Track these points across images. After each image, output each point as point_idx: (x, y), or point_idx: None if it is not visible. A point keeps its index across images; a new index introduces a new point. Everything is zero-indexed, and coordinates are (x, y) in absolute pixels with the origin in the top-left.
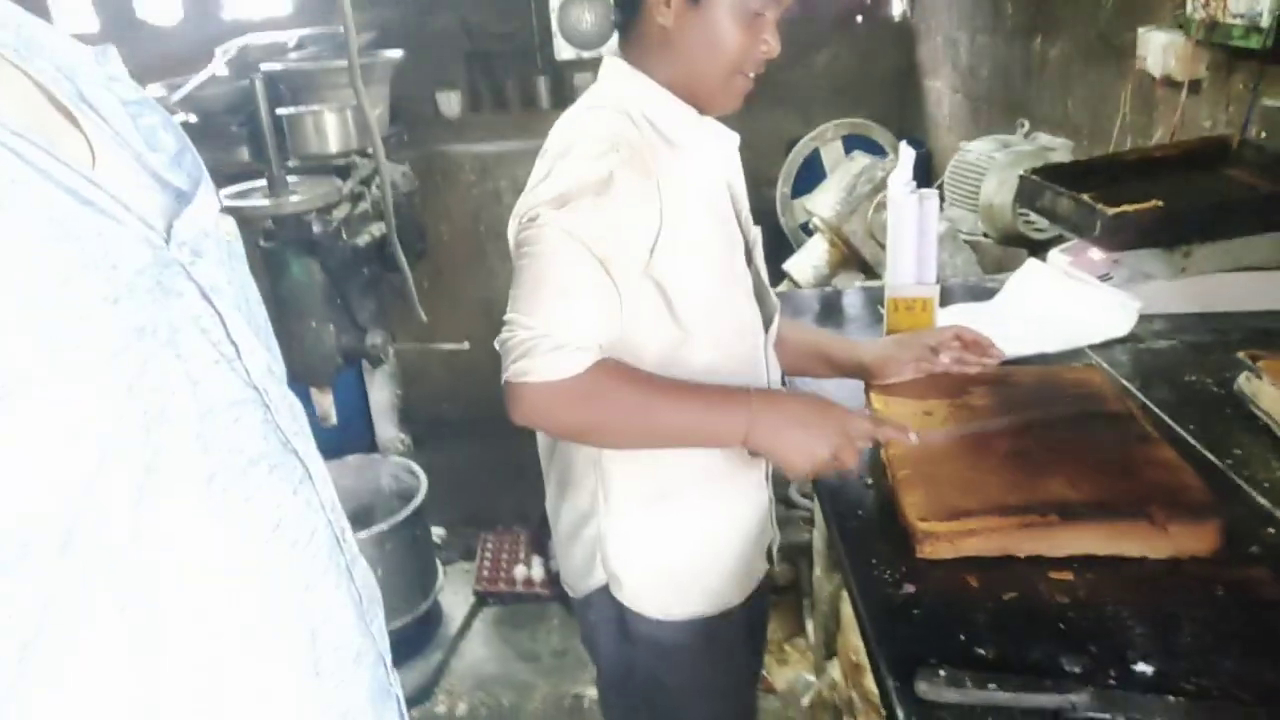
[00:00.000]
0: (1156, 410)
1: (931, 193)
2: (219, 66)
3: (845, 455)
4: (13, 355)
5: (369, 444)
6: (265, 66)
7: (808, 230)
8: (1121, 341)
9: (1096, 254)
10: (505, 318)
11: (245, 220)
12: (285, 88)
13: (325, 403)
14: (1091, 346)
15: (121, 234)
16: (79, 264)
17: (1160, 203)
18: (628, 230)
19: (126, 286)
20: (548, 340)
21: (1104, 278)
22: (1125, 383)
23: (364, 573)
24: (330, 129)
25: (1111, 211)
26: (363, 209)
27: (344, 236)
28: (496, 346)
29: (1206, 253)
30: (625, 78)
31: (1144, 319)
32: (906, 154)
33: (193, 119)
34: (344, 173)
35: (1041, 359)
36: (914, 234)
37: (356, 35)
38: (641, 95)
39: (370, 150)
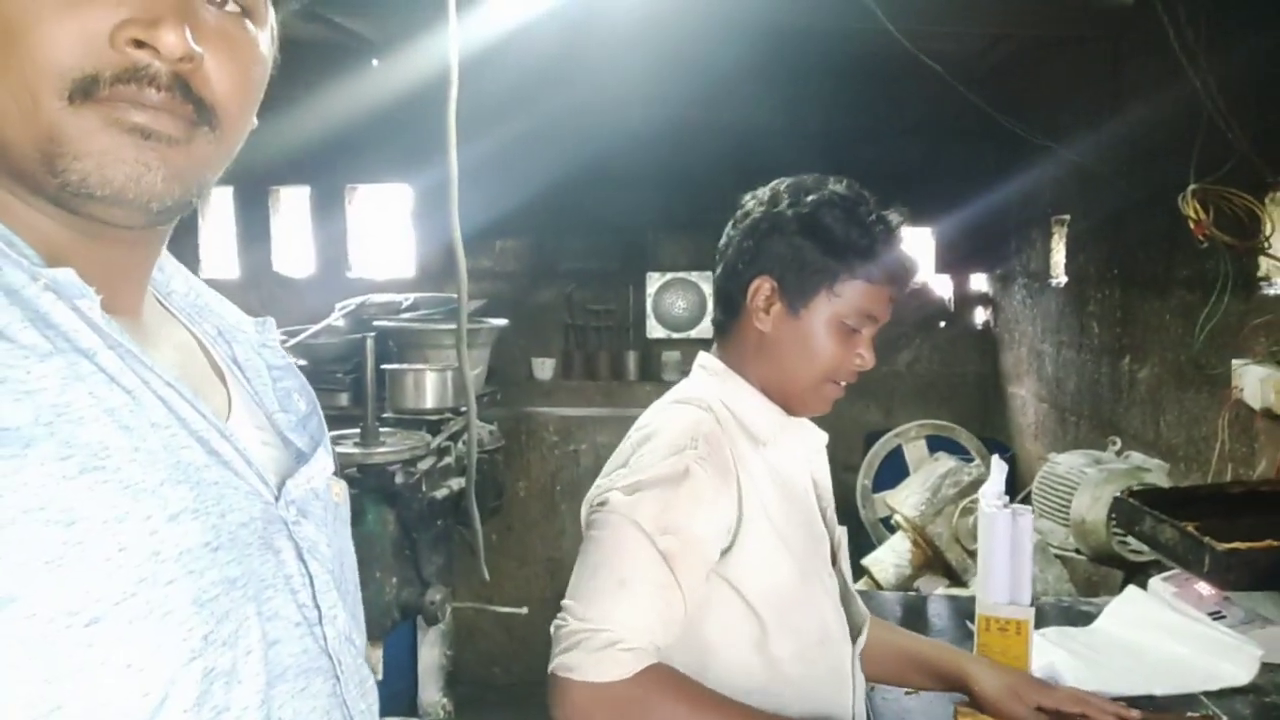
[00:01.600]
0: None
1: (1025, 509)
2: (337, 319)
3: None
4: (105, 586)
5: (409, 705)
6: (378, 323)
7: (888, 525)
8: (1242, 692)
9: (1205, 589)
10: (562, 603)
11: None
12: (394, 343)
13: (374, 657)
14: (1206, 694)
15: (236, 486)
16: (190, 507)
17: (1276, 542)
18: (697, 527)
19: (229, 536)
20: (600, 636)
21: (1215, 615)
22: None
23: None
24: (429, 387)
25: (1222, 547)
26: (446, 463)
27: (424, 489)
28: (551, 631)
29: None
30: (718, 374)
31: (1266, 668)
32: (999, 467)
33: (302, 363)
34: (435, 428)
35: (1149, 701)
36: (1007, 551)
37: (469, 301)
38: (731, 393)
39: (464, 408)
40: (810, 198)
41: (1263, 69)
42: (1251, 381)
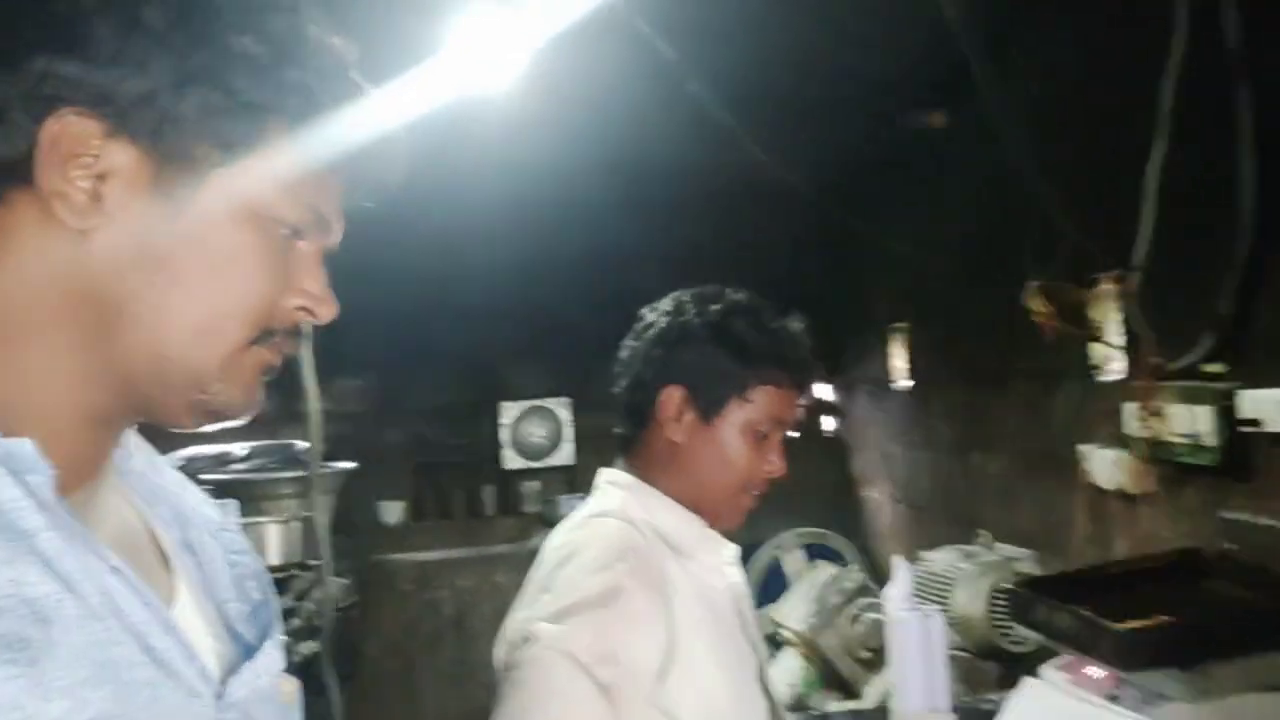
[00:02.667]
0: None
1: (934, 611)
2: None
3: None
4: None
5: None
6: (207, 477)
7: (775, 642)
8: None
9: (1097, 673)
10: None
11: None
12: (229, 498)
13: None
14: None
15: (171, 689)
16: (111, 711)
17: (1169, 618)
18: (636, 651)
19: None
20: None
21: (1112, 699)
22: None
23: None
24: (272, 542)
25: (1121, 628)
26: (294, 626)
27: None
28: None
29: (1227, 673)
30: (629, 488)
31: None
32: (904, 571)
33: None
34: (281, 587)
35: None
36: (920, 657)
37: (309, 447)
38: (647, 505)
39: (311, 562)
40: (716, 306)
41: (1087, 162)
42: (1101, 465)
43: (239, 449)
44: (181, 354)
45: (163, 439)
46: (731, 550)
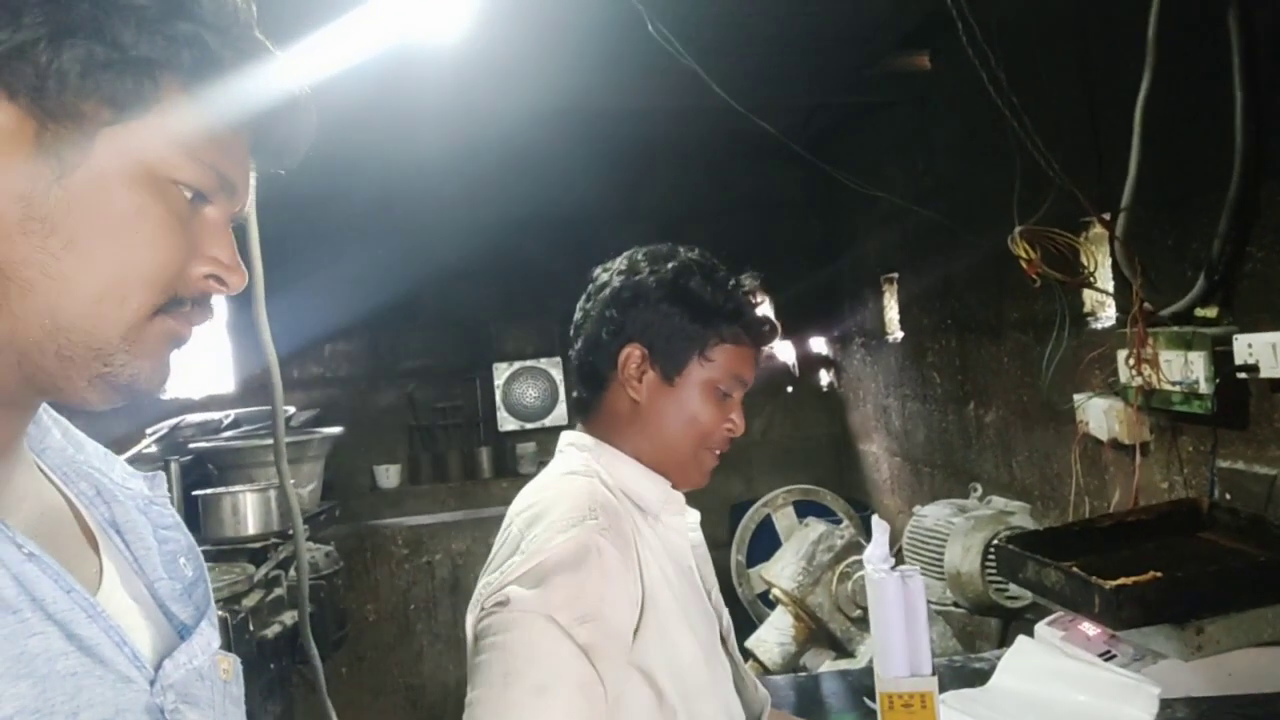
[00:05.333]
0: None
1: (914, 570)
2: (146, 446)
3: None
4: None
5: None
6: (194, 445)
7: (767, 600)
8: None
9: (1091, 629)
10: None
11: None
12: (214, 466)
13: None
14: None
15: (101, 675)
16: (31, 706)
17: (1159, 574)
18: (612, 609)
19: None
20: None
21: (1106, 656)
22: None
23: None
24: (249, 511)
25: (1110, 585)
26: (276, 595)
27: (251, 629)
28: None
29: (1220, 628)
30: (591, 449)
31: (1164, 704)
32: (880, 529)
33: None
34: (260, 556)
35: None
36: (901, 619)
37: (297, 412)
38: (611, 465)
39: (291, 531)
40: (670, 264)
41: (1071, 107)
42: (1095, 414)
43: (225, 416)
44: (81, 323)
45: (148, 415)
46: (694, 516)
